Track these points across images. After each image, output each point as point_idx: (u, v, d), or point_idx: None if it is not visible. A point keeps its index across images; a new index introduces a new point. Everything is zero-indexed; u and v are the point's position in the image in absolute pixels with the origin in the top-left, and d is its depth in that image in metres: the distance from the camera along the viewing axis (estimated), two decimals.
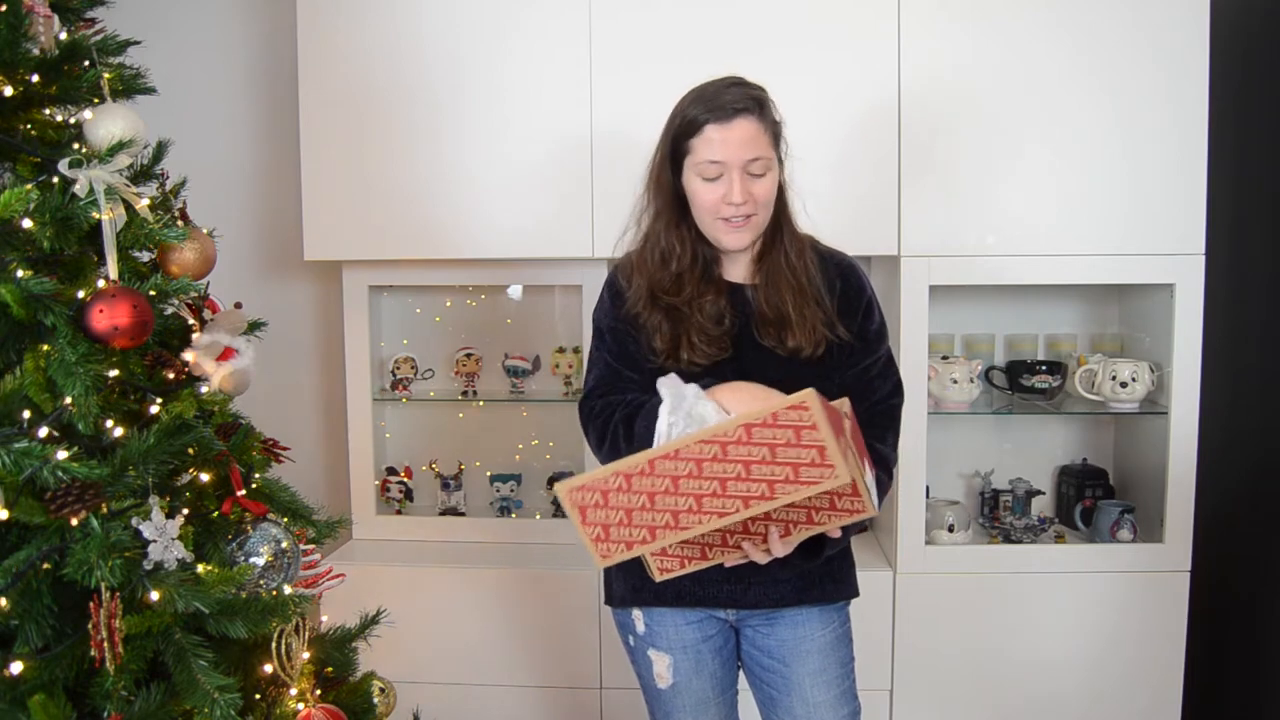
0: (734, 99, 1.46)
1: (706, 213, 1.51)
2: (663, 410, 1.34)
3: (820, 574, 1.60)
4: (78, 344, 1.25)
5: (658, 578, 1.37)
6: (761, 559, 1.41)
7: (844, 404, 1.42)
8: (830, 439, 1.20)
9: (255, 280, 2.79)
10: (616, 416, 1.50)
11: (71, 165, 1.29)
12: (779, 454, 1.21)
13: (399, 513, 2.66)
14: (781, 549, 1.38)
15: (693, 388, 1.37)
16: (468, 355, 2.64)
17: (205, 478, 1.42)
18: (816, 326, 1.53)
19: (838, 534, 1.44)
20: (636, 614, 1.64)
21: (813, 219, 1.63)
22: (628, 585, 1.63)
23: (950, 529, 2.40)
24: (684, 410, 1.34)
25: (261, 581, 1.41)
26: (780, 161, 1.53)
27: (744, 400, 1.36)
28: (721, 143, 1.45)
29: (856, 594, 1.67)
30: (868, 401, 1.55)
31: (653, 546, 1.28)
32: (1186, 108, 2.20)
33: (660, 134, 1.56)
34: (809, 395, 1.18)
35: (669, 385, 1.37)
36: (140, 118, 1.37)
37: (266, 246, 2.80)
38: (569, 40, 2.31)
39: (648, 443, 1.39)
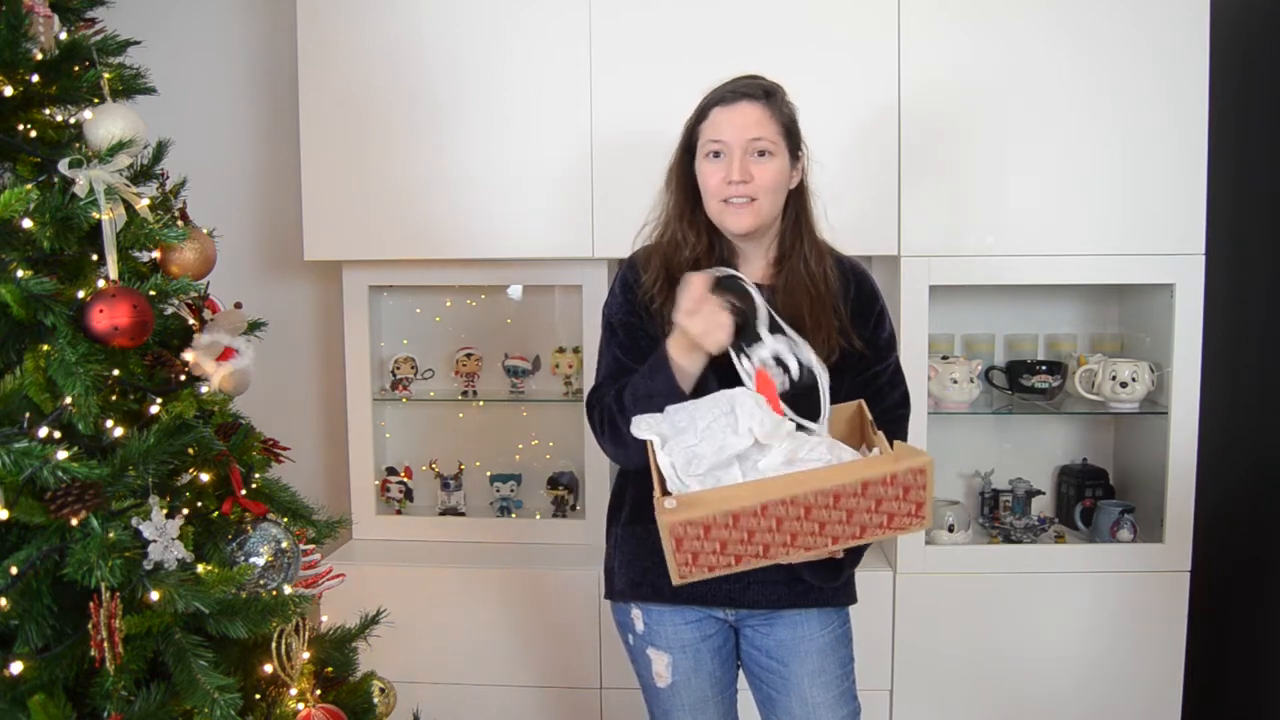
0: (742, 86, 1.51)
1: (711, 195, 1.52)
2: (659, 450, 1.34)
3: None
4: (78, 344, 1.25)
5: (677, 581, 1.36)
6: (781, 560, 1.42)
7: (864, 408, 1.46)
8: (931, 497, 1.28)
9: (255, 280, 2.79)
10: (609, 399, 1.53)
11: (71, 165, 1.29)
12: (883, 505, 1.28)
13: (399, 513, 2.66)
14: (800, 559, 1.41)
15: (672, 410, 1.38)
16: (468, 355, 2.64)
17: (205, 478, 1.42)
18: (831, 334, 1.53)
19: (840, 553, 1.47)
20: (636, 613, 1.64)
21: (826, 221, 1.64)
22: (628, 580, 1.63)
23: (950, 529, 2.40)
24: (682, 444, 1.34)
25: (261, 581, 1.41)
26: (795, 157, 1.54)
27: (695, 328, 1.39)
28: (726, 123, 1.49)
29: (854, 601, 1.67)
30: (876, 409, 1.56)
31: (733, 570, 1.32)
32: (1186, 108, 2.20)
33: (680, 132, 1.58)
34: (929, 462, 1.27)
35: (646, 426, 1.37)
36: (140, 118, 1.37)
37: (266, 246, 2.80)
38: (569, 40, 2.32)
39: (636, 409, 1.43)
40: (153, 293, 1.34)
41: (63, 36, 1.38)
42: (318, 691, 1.51)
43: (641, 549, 1.61)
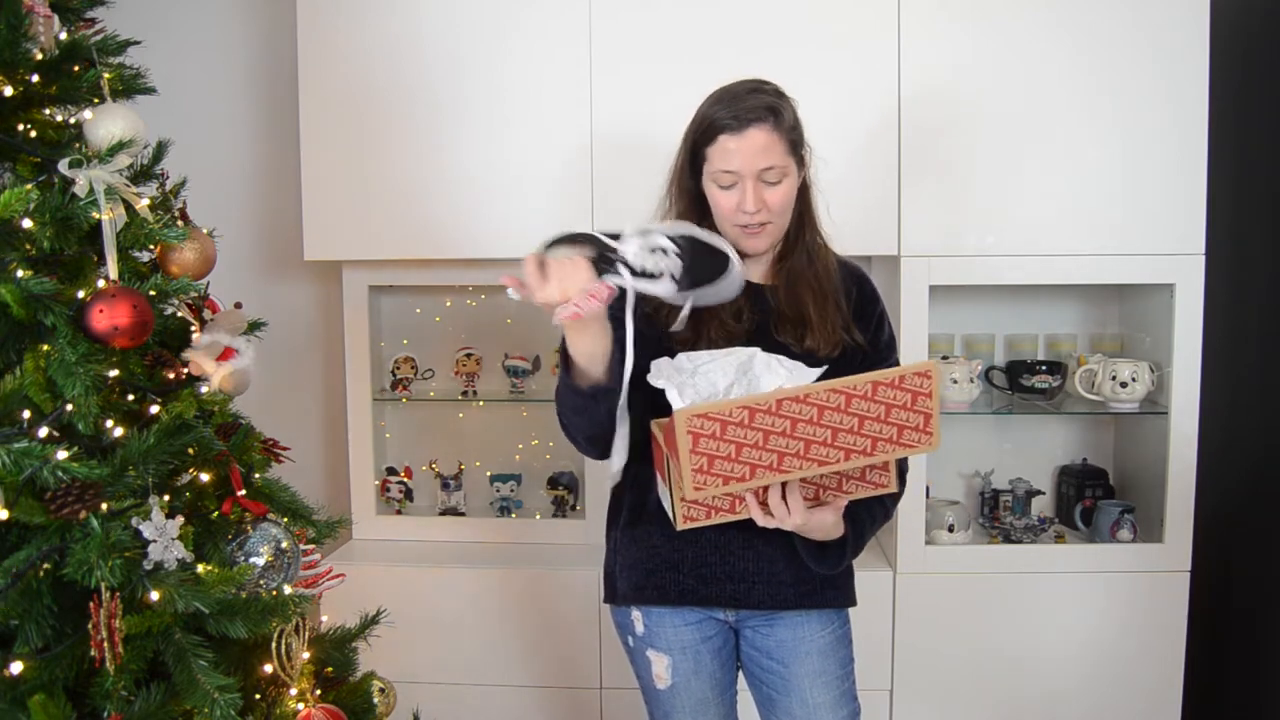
0: (748, 108, 1.45)
1: (725, 219, 1.52)
2: (677, 399, 1.32)
3: (821, 580, 1.60)
4: (78, 344, 1.25)
5: (680, 526, 1.36)
6: (784, 524, 1.40)
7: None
8: (937, 410, 1.31)
9: (255, 280, 2.79)
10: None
11: (71, 165, 1.29)
12: (892, 414, 1.30)
13: (399, 513, 2.66)
14: (801, 518, 1.39)
15: (684, 359, 1.37)
16: (468, 355, 2.64)
17: (205, 478, 1.42)
18: (835, 329, 1.54)
19: (840, 531, 1.47)
20: (636, 614, 1.64)
21: (828, 216, 1.63)
22: (631, 584, 1.63)
23: (950, 529, 2.40)
24: (693, 384, 1.33)
25: (261, 581, 1.41)
26: (802, 163, 1.54)
27: (553, 293, 1.33)
28: (735, 152, 1.45)
29: (854, 604, 1.67)
30: None
31: (747, 485, 1.31)
32: (1186, 108, 2.20)
33: (682, 136, 1.56)
34: (933, 365, 1.31)
35: (659, 372, 1.36)
36: (140, 118, 1.37)
37: (266, 246, 2.80)
38: (569, 40, 2.32)
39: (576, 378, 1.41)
40: (153, 293, 1.35)
41: (63, 36, 1.39)
42: (318, 691, 1.51)
43: (643, 552, 1.60)
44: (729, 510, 1.40)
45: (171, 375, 1.39)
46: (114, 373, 1.32)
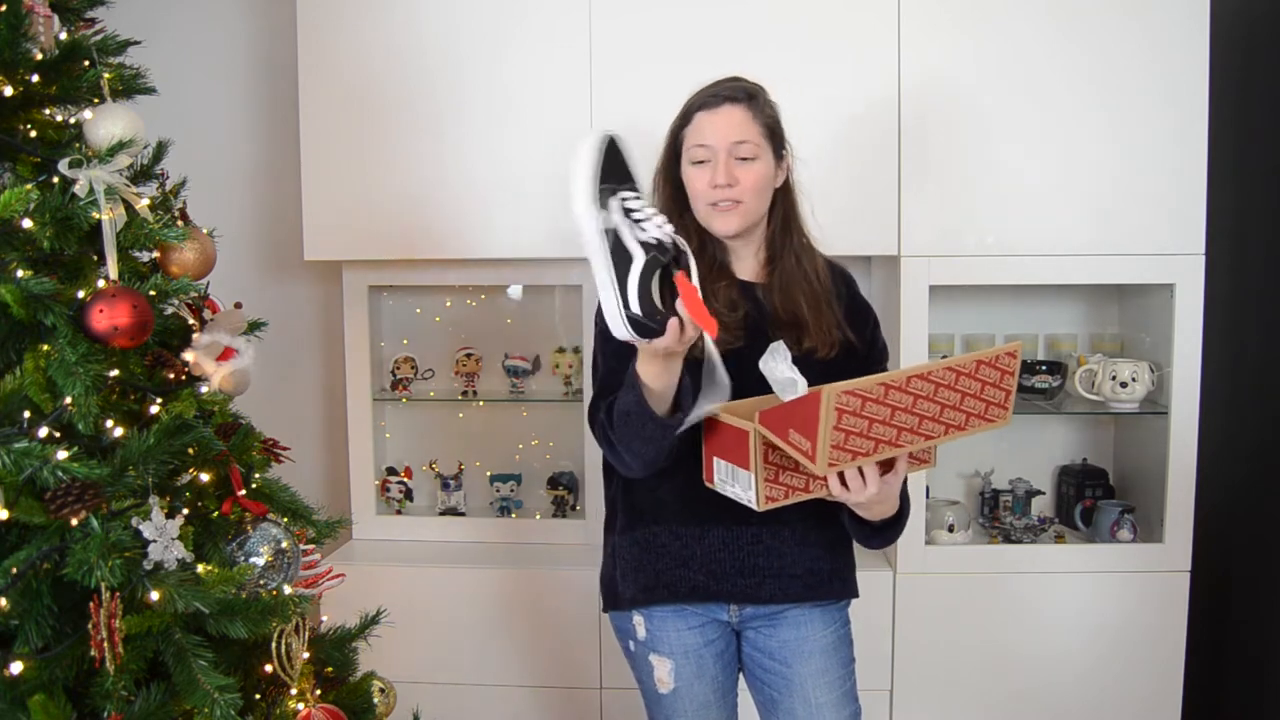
0: (724, 88, 1.52)
1: (699, 199, 1.53)
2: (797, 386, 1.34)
3: (829, 572, 1.61)
4: (78, 344, 1.25)
5: (761, 507, 1.37)
6: (858, 495, 1.39)
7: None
8: (1015, 388, 1.39)
9: (255, 280, 2.79)
10: (601, 416, 1.49)
11: (71, 165, 1.29)
12: (985, 391, 1.37)
13: (399, 513, 2.66)
14: (875, 487, 1.39)
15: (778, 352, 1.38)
16: (468, 355, 2.64)
17: (205, 478, 1.42)
18: (831, 329, 1.55)
19: (897, 506, 1.48)
20: (638, 619, 1.63)
21: (813, 218, 1.64)
22: (638, 585, 1.61)
23: (950, 529, 2.40)
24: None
25: (261, 581, 1.40)
26: (779, 158, 1.55)
27: None
28: (709, 126, 1.51)
29: (857, 594, 1.68)
30: None
31: (869, 459, 1.35)
32: (1186, 108, 2.20)
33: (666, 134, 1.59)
34: (1018, 346, 1.39)
35: (777, 357, 1.36)
36: (140, 118, 1.37)
37: (266, 246, 2.80)
38: (569, 40, 2.32)
39: (630, 419, 1.41)
40: (153, 293, 1.34)
41: (63, 36, 1.38)
42: (318, 691, 1.51)
43: (649, 553, 1.59)
44: (804, 490, 1.41)
45: (171, 375, 1.39)
46: (114, 373, 1.32)
